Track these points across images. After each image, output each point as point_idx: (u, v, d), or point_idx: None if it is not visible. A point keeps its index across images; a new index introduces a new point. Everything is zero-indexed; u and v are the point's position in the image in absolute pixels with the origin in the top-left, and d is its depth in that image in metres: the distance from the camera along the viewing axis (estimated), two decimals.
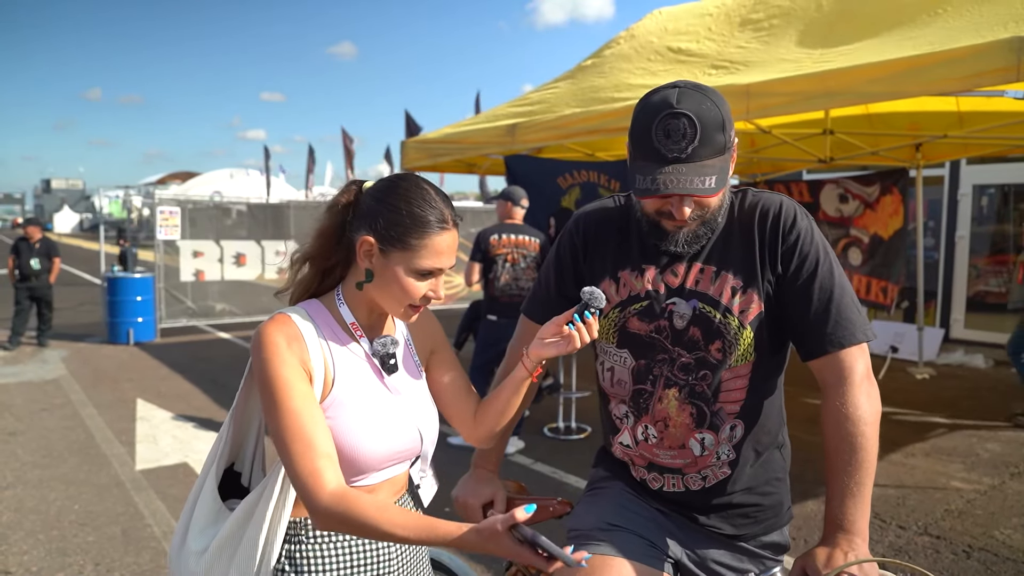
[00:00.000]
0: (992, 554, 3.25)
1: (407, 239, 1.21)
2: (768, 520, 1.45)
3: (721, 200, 1.35)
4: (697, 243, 1.37)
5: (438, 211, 1.23)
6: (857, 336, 1.30)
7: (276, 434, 1.15)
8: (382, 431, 1.25)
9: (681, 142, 1.24)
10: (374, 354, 1.29)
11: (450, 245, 1.25)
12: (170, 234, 9.17)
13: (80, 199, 55.79)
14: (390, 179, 1.28)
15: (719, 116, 1.26)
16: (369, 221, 1.23)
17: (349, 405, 1.23)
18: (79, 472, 4.33)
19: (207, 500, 1.30)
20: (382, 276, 1.24)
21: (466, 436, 1.45)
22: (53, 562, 3.20)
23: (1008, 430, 5.18)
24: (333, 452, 1.16)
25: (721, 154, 1.27)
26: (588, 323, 1.29)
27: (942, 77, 3.02)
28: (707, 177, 1.25)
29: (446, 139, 5.91)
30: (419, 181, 1.27)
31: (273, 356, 1.16)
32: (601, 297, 1.28)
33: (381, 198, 1.24)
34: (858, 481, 1.24)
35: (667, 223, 1.35)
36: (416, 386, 1.36)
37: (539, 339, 1.32)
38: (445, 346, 1.47)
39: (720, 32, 4.70)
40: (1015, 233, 7.97)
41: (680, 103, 1.24)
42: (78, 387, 6.52)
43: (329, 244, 1.29)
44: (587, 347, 1.37)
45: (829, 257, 1.35)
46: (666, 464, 1.42)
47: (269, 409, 1.16)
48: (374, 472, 1.27)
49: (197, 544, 1.27)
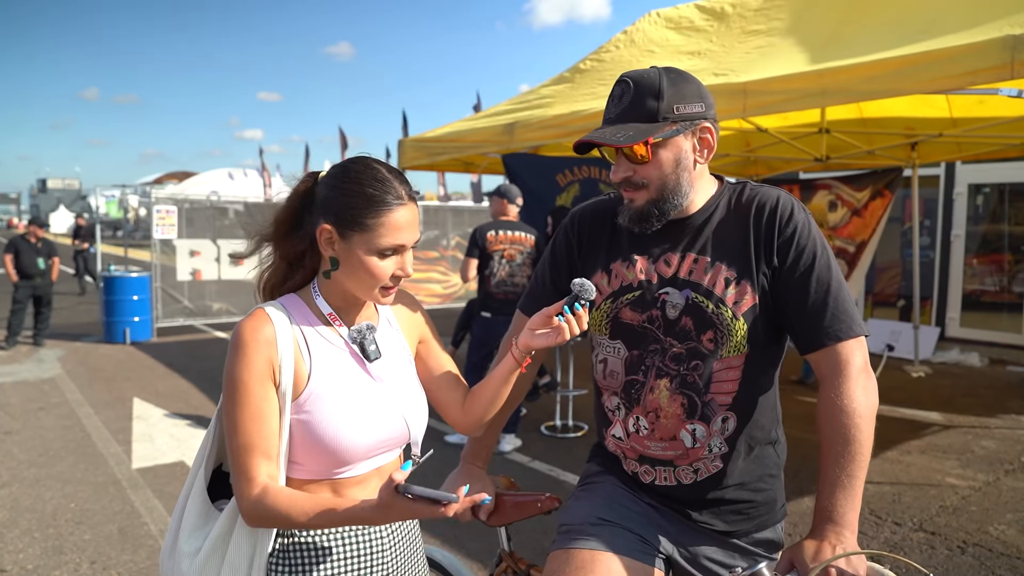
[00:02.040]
0: (986, 550, 3.26)
1: (363, 220, 1.21)
2: (761, 517, 1.45)
3: (664, 177, 1.34)
4: (645, 222, 1.38)
5: (391, 188, 1.22)
6: (854, 329, 1.31)
7: (225, 432, 1.20)
8: (365, 421, 1.24)
9: (617, 106, 1.34)
10: (352, 341, 1.28)
11: (409, 221, 1.23)
12: (167, 233, 9.17)
13: (76, 199, 55.64)
14: (342, 164, 1.27)
15: (656, 84, 1.31)
16: (326, 209, 1.23)
17: (329, 397, 1.22)
18: (75, 471, 4.32)
19: (196, 501, 1.30)
20: (347, 262, 1.24)
21: (454, 425, 1.45)
22: (49, 560, 3.19)
23: (1003, 427, 5.20)
24: (272, 450, 1.18)
25: (650, 120, 1.31)
26: (578, 315, 1.29)
27: (937, 75, 3.04)
28: (621, 134, 1.30)
29: (444, 138, 5.91)
30: (369, 162, 1.26)
31: (237, 357, 1.18)
32: (591, 289, 1.29)
33: (334, 184, 1.24)
34: (850, 473, 1.23)
35: (624, 194, 1.40)
36: (402, 373, 1.35)
37: (529, 330, 1.32)
38: (433, 334, 1.47)
39: (721, 42, 4.70)
40: (1010, 232, 8.00)
41: (631, 75, 1.34)
42: (74, 386, 6.51)
43: (286, 230, 1.29)
44: (585, 345, 1.37)
45: (826, 251, 1.35)
46: (657, 456, 1.42)
47: (223, 407, 1.20)
48: (360, 462, 1.26)
49: (189, 546, 1.27)
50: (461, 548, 3.25)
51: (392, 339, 1.38)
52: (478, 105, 14.94)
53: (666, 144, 1.32)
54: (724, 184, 1.45)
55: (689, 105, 1.32)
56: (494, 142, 5.38)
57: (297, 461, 1.24)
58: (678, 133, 1.32)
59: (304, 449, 1.22)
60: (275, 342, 1.20)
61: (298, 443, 1.22)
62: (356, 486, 1.28)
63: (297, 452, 1.23)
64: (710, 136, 1.36)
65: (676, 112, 1.31)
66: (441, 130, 6.11)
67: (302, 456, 1.23)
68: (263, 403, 1.18)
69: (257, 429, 1.17)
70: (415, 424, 1.34)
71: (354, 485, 1.28)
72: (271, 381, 1.19)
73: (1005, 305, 7.97)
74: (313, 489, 1.25)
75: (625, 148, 1.32)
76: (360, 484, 1.28)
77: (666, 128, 1.31)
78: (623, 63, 5.26)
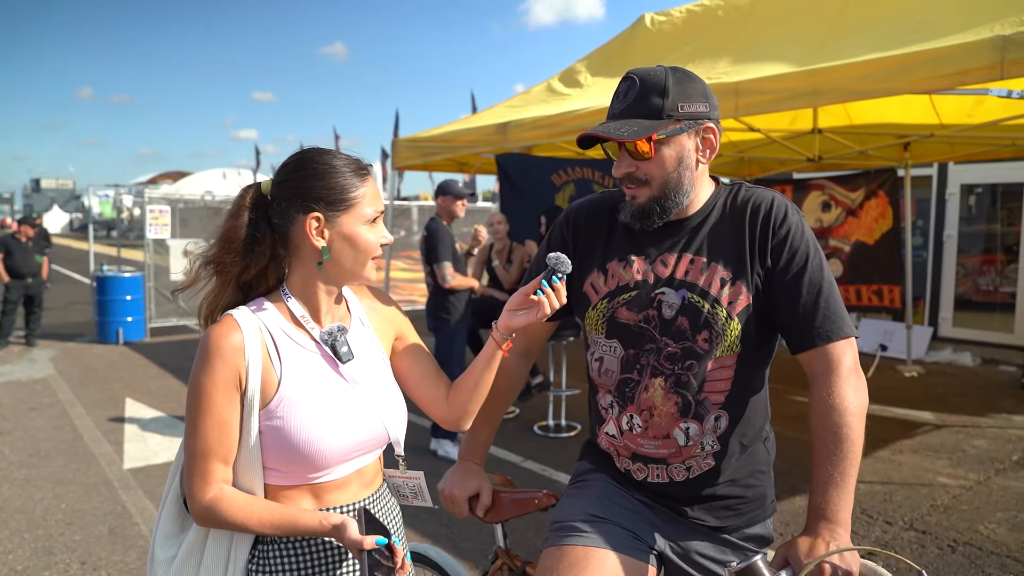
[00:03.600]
0: (977, 548, 3.28)
1: (347, 197, 1.24)
2: (751, 512, 1.46)
3: (666, 175, 1.35)
4: (647, 219, 1.39)
5: (352, 162, 1.27)
6: (845, 330, 1.32)
7: (185, 433, 1.21)
8: (338, 424, 1.23)
9: (623, 101, 1.34)
10: (324, 343, 1.27)
11: (376, 188, 1.30)
12: (160, 233, 9.14)
13: (70, 199, 55.43)
14: (296, 158, 1.27)
15: (662, 82, 1.32)
16: (302, 202, 1.23)
17: (300, 402, 1.21)
18: (66, 471, 4.30)
19: (172, 509, 1.30)
20: (340, 243, 1.25)
21: (440, 420, 1.43)
22: (39, 561, 3.18)
23: (994, 427, 5.22)
24: (230, 457, 1.19)
25: (654, 117, 1.32)
26: (556, 288, 1.29)
27: (928, 75, 3.05)
28: (625, 129, 1.31)
29: (438, 138, 5.90)
30: (321, 149, 1.29)
31: (202, 365, 1.19)
32: (567, 262, 1.30)
33: (301, 178, 1.24)
34: (842, 471, 1.24)
35: (625, 190, 1.41)
36: (376, 374, 1.34)
37: (508, 310, 1.33)
38: (409, 330, 1.46)
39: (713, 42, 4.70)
40: (1002, 232, 8.04)
41: (637, 71, 1.35)
42: (67, 386, 6.48)
43: (235, 250, 1.25)
44: (578, 345, 1.38)
45: (819, 253, 1.37)
46: (650, 454, 1.42)
47: (186, 409, 1.21)
48: (337, 466, 1.25)
49: (164, 553, 1.26)
50: (453, 547, 3.24)
51: (365, 339, 1.36)
52: (473, 105, 14.95)
53: (669, 142, 1.33)
54: (720, 185, 1.46)
55: (693, 104, 1.34)
56: (487, 142, 5.38)
57: (273, 467, 1.22)
58: (682, 132, 1.34)
59: (279, 455, 1.21)
60: (242, 348, 1.19)
61: (272, 449, 1.21)
62: (336, 490, 1.27)
63: (272, 458, 1.21)
64: (713, 136, 1.38)
65: (680, 111, 1.32)
66: (435, 130, 6.11)
67: (277, 462, 1.22)
68: (225, 412, 1.18)
69: (218, 437, 1.18)
70: (393, 424, 1.32)
71: (334, 489, 1.26)
72: (236, 389, 1.19)
73: (997, 305, 8.01)
74: (292, 495, 1.23)
75: (628, 143, 1.33)
76: (340, 488, 1.27)
77: (670, 126, 1.32)
78: (623, 64, 5.26)
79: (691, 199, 1.40)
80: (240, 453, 1.21)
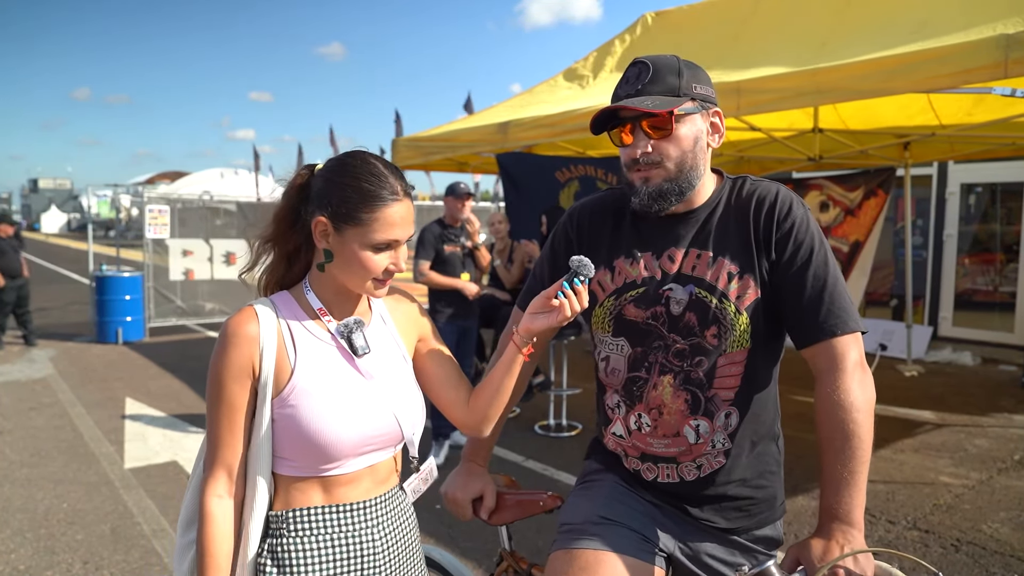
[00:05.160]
0: (980, 547, 3.28)
1: (358, 214, 1.21)
2: (762, 514, 1.44)
3: (683, 155, 1.34)
4: (663, 200, 1.36)
5: (387, 183, 1.23)
6: (850, 325, 1.30)
7: (207, 424, 1.25)
8: (350, 415, 1.23)
9: (636, 84, 1.34)
10: (339, 335, 1.28)
11: (403, 216, 1.24)
12: (159, 233, 9.12)
13: (68, 199, 55.34)
14: (339, 158, 1.27)
15: (675, 64, 1.34)
16: (321, 201, 1.23)
17: (313, 392, 1.22)
18: (67, 471, 4.29)
19: (192, 498, 1.31)
20: (341, 255, 1.24)
21: (460, 425, 1.42)
22: (41, 560, 3.17)
23: (995, 426, 5.23)
24: (237, 458, 1.23)
25: (673, 95, 1.32)
26: (578, 291, 1.29)
27: (930, 74, 3.05)
28: (650, 101, 1.30)
29: (438, 137, 5.89)
30: (367, 156, 1.26)
31: (218, 352, 1.22)
32: (589, 265, 1.29)
33: (331, 177, 1.24)
34: (852, 470, 1.22)
35: (635, 176, 1.38)
36: (394, 370, 1.33)
37: (529, 313, 1.32)
38: (432, 333, 1.45)
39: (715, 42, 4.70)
40: (1002, 232, 8.04)
41: (647, 57, 1.36)
42: (66, 386, 6.46)
43: (284, 227, 1.30)
44: (579, 344, 1.37)
45: (824, 247, 1.35)
46: (660, 453, 1.41)
47: (207, 401, 1.25)
48: (348, 459, 1.25)
49: (183, 538, 1.29)
50: (456, 548, 3.24)
51: (385, 336, 1.36)
52: (469, 106, 14.90)
53: (686, 120, 1.34)
54: (724, 179, 1.45)
55: (704, 87, 1.37)
56: (488, 141, 5.37)
57: (284, 457, 1.23)
58: (697, 111, 1.36)
59: (290, 444, 1.22)
60: (257, 338, 1.21)
61: (284, 438, 1.22)
62: (347, 485, 1.26)
63: (283, 447, 1.23)
64: (720, 121, 1.40)
65: (695, 91, 1.34)
66: (435, 130, 6.10)
67: (289, 451, 1.23)
68: (236, 397, 1.21)
69: (227, 423, 1.22)
70: (407, 422, 1.31)
71: (345, 484, 1.26)
72: (248, 376, 1.21)
73: (997, 304, 8.02)
74: (302, 487, 1.24)
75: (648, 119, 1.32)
76: (351, 483, 1.27)
77: (687, 103, 1.34)
78: (623, 63, 5.26)
79: (701, 184, 1.39)
80: (252, 441, 1.23)
